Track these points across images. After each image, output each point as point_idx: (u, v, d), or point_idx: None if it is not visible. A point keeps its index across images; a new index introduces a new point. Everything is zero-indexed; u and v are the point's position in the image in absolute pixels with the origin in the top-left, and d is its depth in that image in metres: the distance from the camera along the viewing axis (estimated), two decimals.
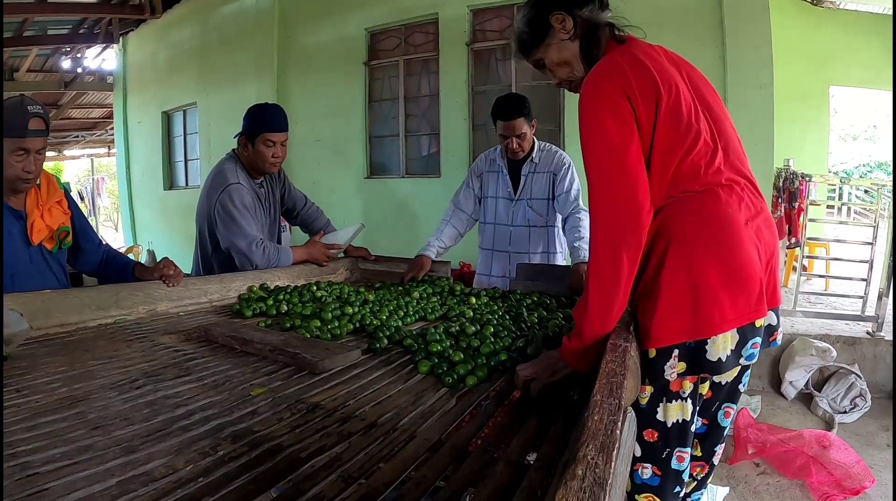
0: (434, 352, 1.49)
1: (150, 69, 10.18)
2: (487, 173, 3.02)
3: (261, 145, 2.55)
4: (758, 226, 1.39)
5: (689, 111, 1.36)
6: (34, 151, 1.85)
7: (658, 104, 1.32)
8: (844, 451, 2.99)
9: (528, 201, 2.90)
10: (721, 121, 1.45)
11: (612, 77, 1.34)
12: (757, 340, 1.35)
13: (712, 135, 1.40)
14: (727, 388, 1.54)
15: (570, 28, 1.49)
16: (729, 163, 1.41)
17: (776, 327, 1.45)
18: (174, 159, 10.13)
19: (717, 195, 1.36)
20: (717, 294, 1.30)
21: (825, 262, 5.69)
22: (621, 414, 0.75)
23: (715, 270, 1.31)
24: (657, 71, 1.34)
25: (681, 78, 1.41)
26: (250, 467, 0.86)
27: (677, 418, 1.42)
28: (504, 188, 2.95)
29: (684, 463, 1.47)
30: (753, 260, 1.33)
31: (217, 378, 1.32)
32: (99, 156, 20.13)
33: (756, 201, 1.42)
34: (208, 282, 2.22)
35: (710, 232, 1.33)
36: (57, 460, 0.87)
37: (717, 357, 1.31)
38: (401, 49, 6.81)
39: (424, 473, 0.84)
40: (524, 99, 2.82)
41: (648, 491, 1.50)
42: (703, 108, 1.41)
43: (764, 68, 4.89)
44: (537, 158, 2.90)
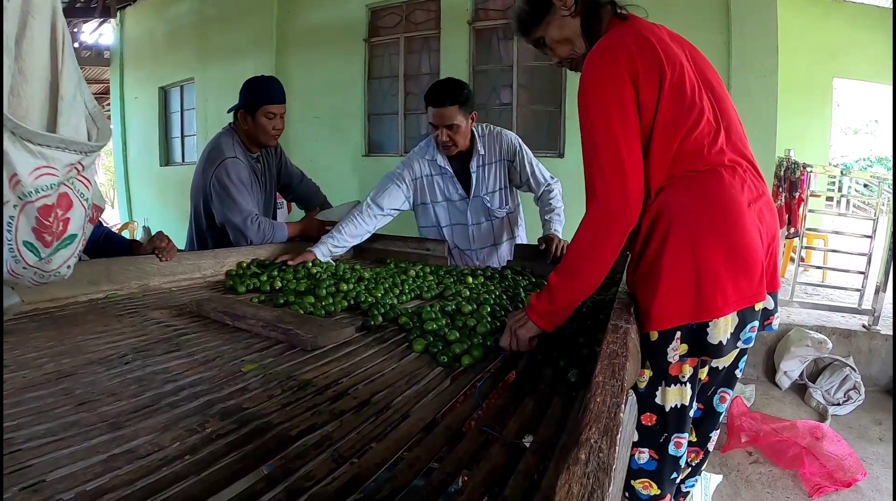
0: (429, 331, 1.46)
1: (147, 44, 10.07)
2: (430, 177, 2.71)
3: (261, 118, 2.53)
4: (760, 209, 1.37)
5: (692, 89, 1.35)
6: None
7: (662, 81, 1.31)
8: (837, 443, 2.99)
9: (483, 198, 2.69)
10: (723, 102, 1.44)
11: (616, 54, 1.32)
12: (755, 323, 1.34)
13: (715, 115, 1.39)
14: (724, 373, 1.54)
15: (571, 4, 1.47)
16: (731, 144, 1.39)
17: (773, 311, 1.44)
18: (171, 135, 10.06)
19: (720, 176, 1.34)
20: (721, 277, 1.28)
21: (823, 253, 5.68)
22: (624, 397, 0.72)
23: (718, 252, 1.29)
24: (661, 48, 1.33)
25: (685, 57, 1.40)
26: (238, 445, 0.83)
27: (676, 402, 1.41)
28: (454, 191, 2.71)
29: (682, 449, 1.46)
30: (756, 242, 1.31)
31: (208, 354, 1.30)
32: None
33: (758, 183, 1.40)
34: (202, 257, 2.19)
35: (714, 213, 1.31)
36: (41, 436, 0.85)
37: (718, 340, 1.30)
38: (402, 26, 6.75)
39: (418, 454, 0.81)
40: (462, 85, 2.49)
41: (645, 477, 1.50)
42: (706, 88, 1.41)
43: (769, 56, 4.85)
44: (482, 147, 2.63)
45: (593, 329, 1.38)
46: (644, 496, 1.52)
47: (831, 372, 3.91)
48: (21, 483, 0.71)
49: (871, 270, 4.47)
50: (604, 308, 1.50)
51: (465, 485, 0.73)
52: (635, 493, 1.53)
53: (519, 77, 5.96)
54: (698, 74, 1.41)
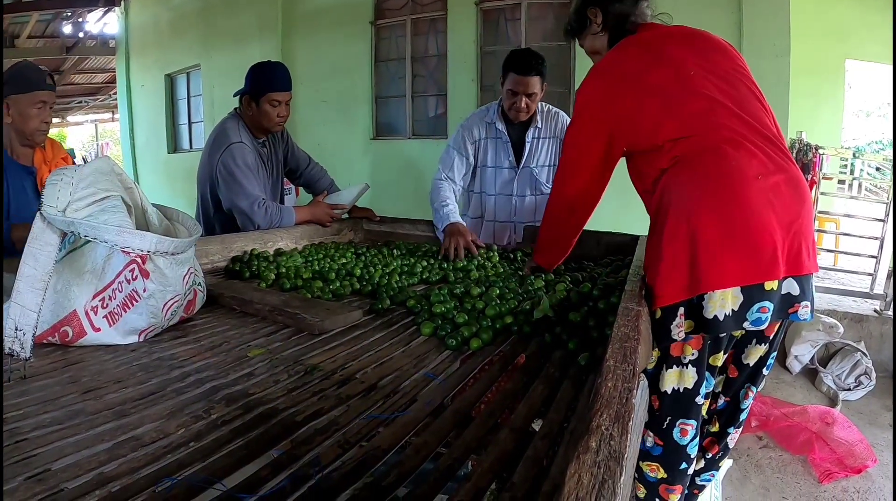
0: (437, 314, 1.45)
1: (152, 32, 10.04)
2: (485, 140, 2.76)
3: (266, 105, 2.50)
4: (776, 183, 1.34)
5: (687, 79, 1.44)
6: (49, 103, 2.13)
7: (645, 80, 1.47)
8: (848, 429, 2.98)
9: (532, 170, 2.73)
10: (736, 84, 1.48)
11: (599, 78, 1.56)
12: (766, 304, 1.31)
13: (720, 97, 1.43)
14: (751, 369, 1.53)
15: (601, 22, 1.67)
16: (742, 121, 1.40)
17: (799, 298, 1.37)
18: (178, 122, 10.05)
19: (721, 150, 1.35)
20: (716, 248, 1.28)
21: (835, 237, 5.62)
22: (636, 382, 0.71)
23: (713, 222, 1.29)
24: (651, 53, 1.50)
25: (690, 52, 1.50)
26: (243, 431, 0.82)
27: (674, 385, 1.41)
28: (505, 157, 2.74)
29: (688, 437, 1.45)
30: (763, 216, 1.29)
31: (214, 340, 1.30)
32: (103, 121, 20.09)
33: (777, 158, 1.38)
34: (209, 243, 2.18)
35: (710, 185, 1.33)
36: (47, 425, 0.85)
37: (713, 314, 1.29)
38: (408, 8, 6.67)
39: (425, 439, 0.80)
40: (543, 58, 2.57)
41: (652, 460, 1.50)
42: (713, 74, 1.46)
43: (781, 37, 4.76)
44: (541, 121, 2.70)
45: (604, 312, 1.35)
46: (651, 478, 1.52)
47: (842, 357, 3.88)
48: (26, 472, 0.71)
49: (884, 254, 4.41)
50: (614, 291, 1.47)
51: (474, 470, 0.72)
52: (643, 475, 1.53)
53: None
54: (707, 63, 1.48)
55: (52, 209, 1.18)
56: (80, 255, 1.27)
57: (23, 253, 1.13)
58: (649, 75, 1.47)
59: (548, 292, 1.60)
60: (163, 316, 1.29)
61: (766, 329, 1.47)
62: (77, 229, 1.17)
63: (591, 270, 1.98)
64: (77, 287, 1.24)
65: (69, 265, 1.26)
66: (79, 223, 1.16)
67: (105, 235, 1.17)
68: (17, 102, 2.08)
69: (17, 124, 2.10)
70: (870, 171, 9.71)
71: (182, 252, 1.31)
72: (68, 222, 1.16)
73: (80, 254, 1.27)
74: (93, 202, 1.24)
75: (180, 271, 1.33)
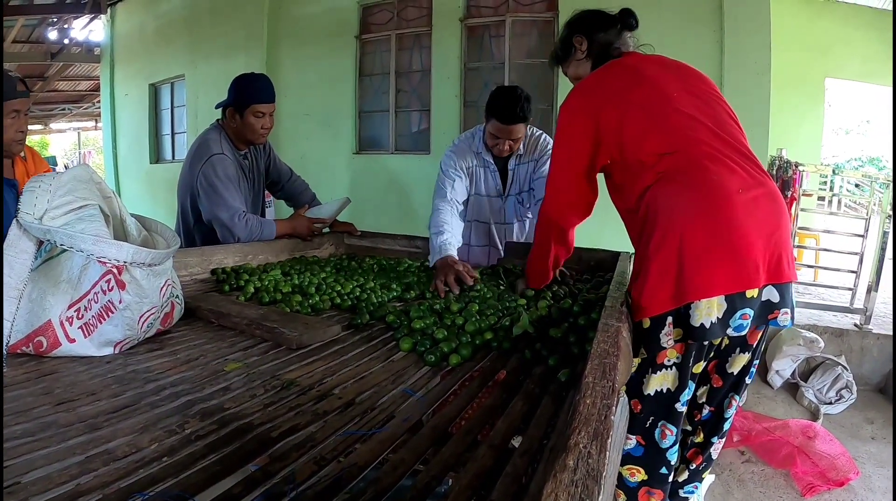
0: (416, 329, 1.44)
1: (137, 41, 9.98)
2: (475, 168, 2.68)
3: (250, 117, 2.48)
4: (755, 197, 1.39)
5: (665, 101, 1.51)
6: (23, 111, 2.06)
7: (627, 101, 1.51)
8: (829, 442, 2.99)
9: (516, 197, 2.72)
10: (713, 105, 1.55)
11: (582, 94, 1.60)
12: (747, 311, 1.37)
13: (698, 116, 1.49)
14: (734, 378, 1.57)
15: (585, 49, 1.75)
16: (719, 139, 1.46)
17: (779, 305, 1.43)
18: (161, 133, 9.97)
19: (704, 166, 1.40)
20: (703, 259, 1.34)
21: (815, 252, 5.68)
22: (615, 398, 0.70)
23: (700, 234, 1.34)
24: (630, 76, 1.57)
25: (670, 76, 1.58)
26: (218, 447, 0.81)
27: (659, 387, 1.45)
28: (493, 186, 2.70)
29: (667, 441, 1.49)
30: (744, 227, 1.35)
31: (191, 353, 1.27)
32: (86, 129, 19.90)
33: (755, 173, 1.44)
34: (188, 255, 2.15)
35: (694, 198, 1.38)
36: (18, 437, 0.83)
37: (700, 323, 1.35)
38: (393, 23, 6.69)
39: (402, 456, 0.78)
40: (529, 99, 2.45)
41: (632, 463, 1.54)
42: (691, 96, 1.54)
43: (762, 54, 4.83)
44: (523, 148, 2.62)
45: (585, 328, 1.36)
46: (632, 483, 1.55)
47: (823, 371, 3.90)
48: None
49: (864, 269, 4.46)
50: (595, 307, 1.48)
51: (452, 487, 0.71)
52: (623, 480, 1.55)
53: (511, 74, 5.92)
54: (685, 84, 1.57)
55: (28, 216, 1.16)
56: (56, 264, 1.25)
57: None
58: (632, 93, 1.52)
59: (528, 308, 1.60)
60: (139, 328, 1.27)
61: (749, 337, 1.51)
62: (53, 237, 1.15)
63: (571, 286, 1.97)
64: (52, 297, 1.21)
65: (45, 274, 1.24)
66: (55, 231, 1.15)
67: (81, 244, 1.15)
68: None
69: None
70: (849, 187, 9.85)
71: (160, 264, 1.29)
72: (45, 229, 1.14)
73: (57, 263, 1.25)
74: (70, 211, 1.22)
75: (157, 282, 1.30)
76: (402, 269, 2.29)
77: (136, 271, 1.24)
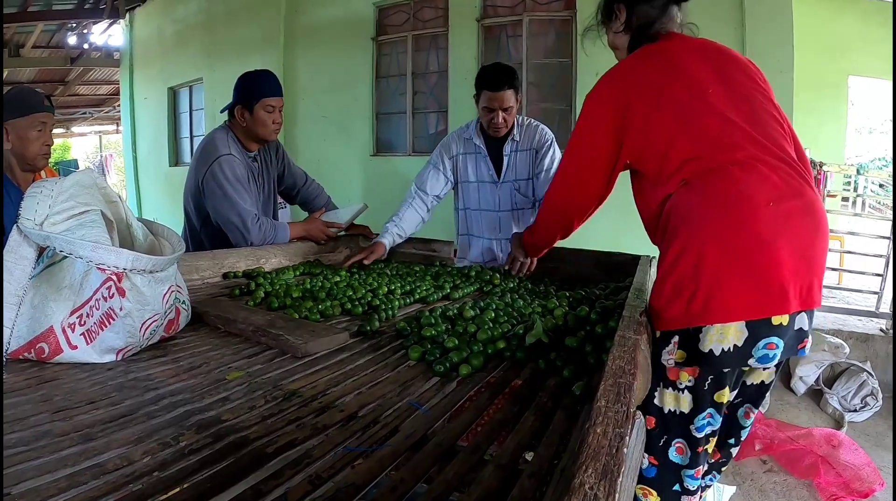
0: (427, 337, 1.39)
1: (156, 45, 10.09)
2: (463, 156, 2.75)
3: (261, 111, 2.46)
4: (789, 210, 1.25)
5: (699, 97, 1.38)
6: (49, 124, 2.16)
7: (658, 95, 1.40)
8: (854, 452, 2.92)
9: (513, 184, 2.70)
10: (755, 105, 1.40)
11: (613, 84, 1.49)
12: (773, 340, 1.24)
13: (733, 116, 1.35)
14: (752, 390, 1.47)
15: (624, 21, 1.59)
16: (755, 142, 1.32)
17: (807, 333, 1.30)
18: (180, 136, 10.05)
19: (729, 173, 1.28)
20: (721, 279, 1.21)
21: (839, 254, 5.56)
22: (630, 426, 0.63)
23: (719, 251, 1.22)
24: (665, 66, 1.45)
25: (706, 67, 1.44)
26: (211, 462, 0.77)
27: (673, 407, 1.35)
28: (486, 171, 2.71)
29: (683, 456, 1.39)
30: (769, 245, 1.21)
31: (194, 360, 1.25)
32: (107, 133, 20.14)
33: (794, 182, 1.29)
34: (200, 258, 2.13)
35: (717, 210, 1.26)
36: (11, 445, 0.81)
37: (709, 348, 1.23)
38: (409, 24, 6.66)
39: (403, 475, 0.74)
40: (513, 70, 2.54)
41: (645, 483, 1.44)
42: (729, 91, 1.40)
43: (784, 52, 4.73)
44: (518, 135, 2.65)
45: (602, 337, 1.29)
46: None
47: (848, 378, 3.82)
48: None
49: (890, 272, 4.36)
50: (613, 314, 1.41)
51: None
52: (635, 499, 1.46)
53: (528, 74, 5.85)
54: (727, 80, 1.42)
55: (29, 222, 1.14)
56: (58, 270, 1.23)
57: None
58: (665, 88, 1.41)
59: (544, 316, 1.53)
60: (140, 336, 1.24)
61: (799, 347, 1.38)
62: (53, 243, 1.13)
63: (588, 292, 1.90)
64: (54, 303, 1.20)
65: (47, 280, 1.22)
66: (55, 238, 1.12)
67: (80, 250, 1.13)
68: (16, 126, 2.09)
69: (18, 149, 2.11)
70: (873, 188, 9.67)
71: (162, 270, 1.26)
72: (44, 235, 1.12)
73: (59, 269, 1.24)
74: (71, 216, 1.20)
75: (160, 289, 1.28)
76: (414, 274, 2.26)
77: (137, 278, 1.21)
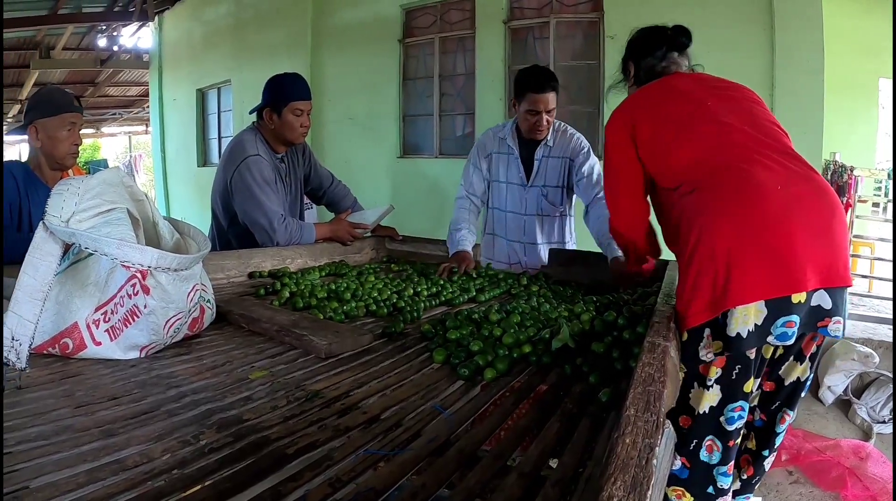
0: (451, 340, 1.37)
1: (185, 47, 10.21)
2: (497, 155, 2.75)
3: (289, 115, 2.47)
4: (798, 193, 1.30)
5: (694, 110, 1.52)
6: (78, 124, 2.20)
7: (657, 117, 1.58)
8: (882, 464, 2.86)
9: (541, 189, 2.69)
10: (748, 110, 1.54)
11: (620, 110, 1.68)
12: (792, 318, 1.27)
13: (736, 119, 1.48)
14: (788, 389, 1.49)
15: (633, 74, 1.83)
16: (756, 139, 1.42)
17: (830, 312, 1.32)
18: (208, 136, 10.15)
19: (736, 167, 1.35)
20: (737, 262, 1.25)
21: (870, 261, 5.45)
22: (660, 435, 0.61)
23: (730, 236, 1.26)
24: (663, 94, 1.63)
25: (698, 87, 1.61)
26: (230, 461, 0.76)
27: (708, 406, 1.37)
28: (516, 173, 2.71)
29: (714, 456, 1.40)
30: (785, 223, 1.25)
31: (217, 359, 1.25)
32: (137, 133, 20.49)
33: (797, 169, 1.35)
34: (226, 258, 2.14)
35: (725, 200, 1.32)
36: (32, 439, 0.82)
37: (736, 332, 1.26)
38: (436, 26, 6.65)
39: (424, 480, 0.72)
40: (553, 73, 2.59)
41: (677, 484, 1.45)
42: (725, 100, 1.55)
43: (814, 53, 4.62)
44: (552, 140, 2.64)
45: (629, 343, 1.26)
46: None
47: (877, 388, 3.72)
48: (4, 487, 0.68)
49: None
50: (641, 320, 1.39)
51: None
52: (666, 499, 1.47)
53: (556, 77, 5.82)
54: (719, 94, 1.58)
55: (55, 219, 1.14)
56: (84, 266, 1.25)
57: (23, 262, 1.10)
58: (663, 106, 1.59)
59: (570, 320, 1.50)
60: (164, 333, 1.24)
61: (804, 347, 1.43)
62: (78, 240, 1.13)
63: (615, 296, 1.87)
64: (79, 299, 1.21)
65: (72, 277, 1.23)
66: (80, 235, 1.13)
67: (105, 247, 1.13)
68: (46, 126, 2.12)
69: (47, 148, 2.15)
70: None
71: (186, 269, 1.26)
72: (70, 232, 1.13)
73: (84, 266, 1.25)
74: (97, 214, 1.21)
75: (184, 287, 1.28)
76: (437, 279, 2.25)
77: (161, 276, 1.21)
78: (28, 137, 2.15)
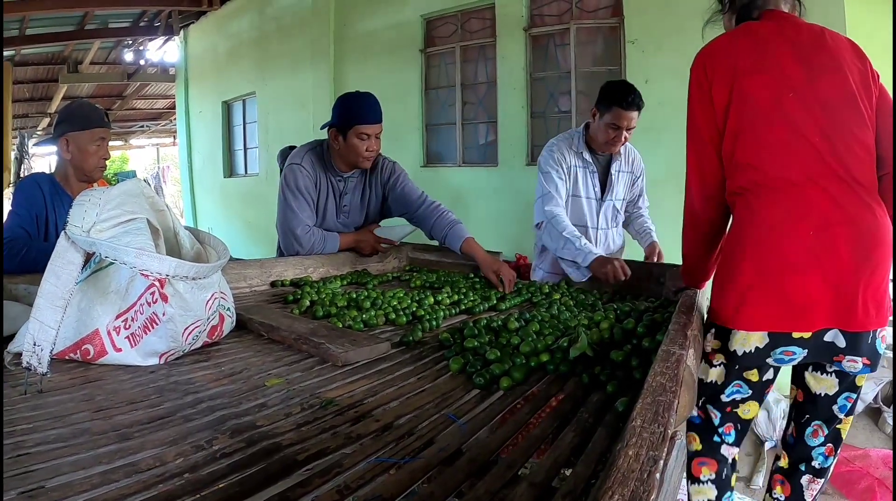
0: (469, 348, 1.37)
1: (210, 60, 10.39)
2: (576, 168, 2.66)
3: (353, 138, 2.43)
4: (833, 236, 1.30)
5: (780, 98, 1.37)
6: (107, 139, 2.28)
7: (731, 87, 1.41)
8: None
9: (613, 202, 2.71)
10: (835, 114, 1.37)
11: (699, 62, 1.50)
12: (792, 349, 1.36)
13: (811, 126, 1.35)
14: (820, 401, 1.53)
15: (727, 2, 1.63)
16: (819, 159, 1.34)
17: (846, 351, 1.36)
18: (234, 148, 10.30)
19: (780, 195, 1.35)
20: (749, 293, 1.36)
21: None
22: (664, 449, 0.59)
23: (750, 268, 1.36)
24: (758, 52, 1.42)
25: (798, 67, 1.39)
26: (241, 467, 0.77)
27: (714, 379, 1.54)
28: (592, 188, 2.68)
29: (717, 420, 1.59)
30: (797, 270, 1.31)
31: (235, 366, 1.26)
32: (164, 145, 20.88)
33: (849, 206, 1.32)
34: (247, 267, 2.17)
35: (755, 228, 1.37)
36: (50, 441, 0.84)
37: (734, 349, 1.41)
38: (457, 35, 6.66)
39: (433, 489, 0.72)
40: (640, 94, 2.51)
41: (691, 429, 1.64)
42: (814, 98, 1.37)
43: None
44: (623, 156, 2.67)
45: (649, 351, 1.24)
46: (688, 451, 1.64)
47: None
48: (21, 487, 0.70)
49: None
50: (661, 328, 1.37)
51: None
52: None
53: (577, 84, 5.76)
54: (814, 83, 1.38)
55: (76, 229, 1.16)
56: (105, 275, 1.27)
57: (45, 270, 1.12)
58: (746, 78, 1.41)
59: (589, 328, 1.48)
60: (182, 340, 1.26)
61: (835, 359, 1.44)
62: (98, 249, 1.15)
63: (636, 304, 1.84)
64: (101, 306, 1.23)
65: (94, 284, 1.25)
66: (100, 244, 1.15)
67: (124, 256, 1.15)
68: (77, 139, 2.20)
69: (77, 161, 2.22)
70: None
71: (205, 277, 1.28)
72: (91, 242, 1.15)
73: (106, 274, 1.27)
74: (118, 224, 1.23)
75: (203, 295, 1.30)
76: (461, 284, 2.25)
77: (180, 285, 1.23)
78: (58, 149, 2.21)
